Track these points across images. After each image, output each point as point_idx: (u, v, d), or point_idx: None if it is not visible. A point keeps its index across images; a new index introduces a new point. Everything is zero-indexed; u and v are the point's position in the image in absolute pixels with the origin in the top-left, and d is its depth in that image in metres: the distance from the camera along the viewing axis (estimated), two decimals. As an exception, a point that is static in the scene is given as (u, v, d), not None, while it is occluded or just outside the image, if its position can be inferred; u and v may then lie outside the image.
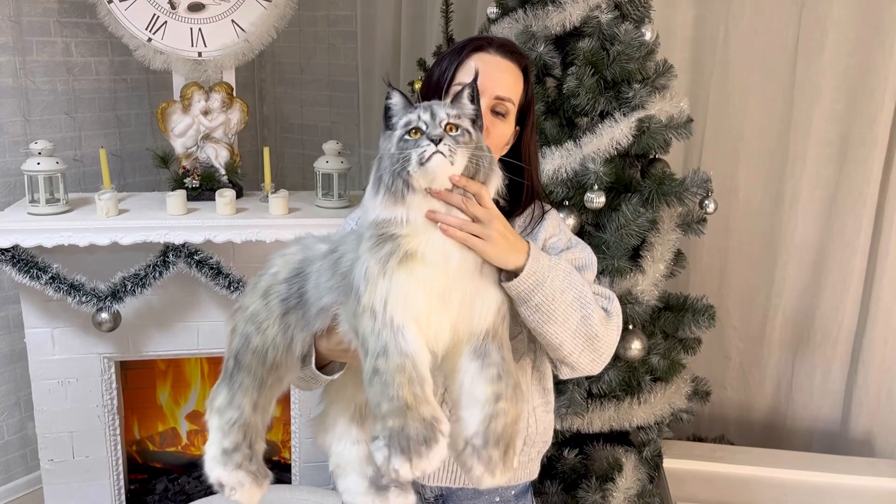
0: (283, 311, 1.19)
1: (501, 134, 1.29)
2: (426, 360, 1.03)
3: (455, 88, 1.15)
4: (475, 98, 1.11)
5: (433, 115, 1.04)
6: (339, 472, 1.26)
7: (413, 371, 1.01)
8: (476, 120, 1.11)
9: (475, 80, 1.13)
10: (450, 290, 1.06)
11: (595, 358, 1.23)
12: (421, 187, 1.05)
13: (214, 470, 1.23)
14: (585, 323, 1.18)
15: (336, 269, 1.12)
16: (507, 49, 1.31)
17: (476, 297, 1.08)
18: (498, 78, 1.28)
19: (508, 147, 1.34)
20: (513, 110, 1.30)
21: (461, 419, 1.08)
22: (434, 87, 1.30)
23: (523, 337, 1.31)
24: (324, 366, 1.24)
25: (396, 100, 1.09)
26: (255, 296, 1.23)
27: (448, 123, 1.04)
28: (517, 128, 1.34)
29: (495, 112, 1.28)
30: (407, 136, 1.04)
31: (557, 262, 1.18)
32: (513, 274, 1.13)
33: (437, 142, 1.02)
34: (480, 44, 1.30)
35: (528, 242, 1.15)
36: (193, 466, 3.02)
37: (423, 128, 1.03)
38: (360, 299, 1.03)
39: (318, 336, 1.19)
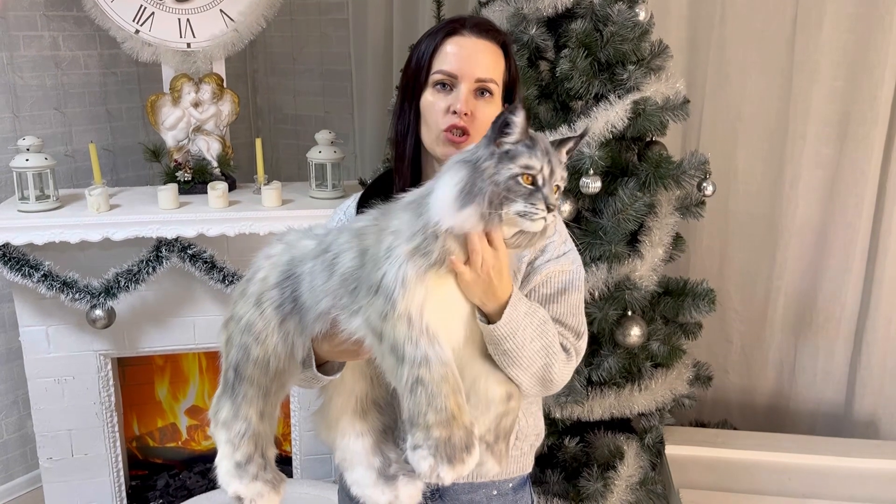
0: (280, 318, 1.17)
1: (489, 116, 1.25)
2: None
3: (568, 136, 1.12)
4: (572, 150, 1.10)
5: (552, 173, 1.04)
6: (346, 465, 1.25)
7: (454, 380, 1.03)
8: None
9: (584, 135, 1.13)
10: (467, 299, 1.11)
11: (543, 391, 1.25)
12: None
13: (231, 484, 1.22)
14: (546, 370, 1.20)
15: (332, 271, 1.10)
16: (482, 28, 1.28)
17: None
18: (476, 60, 1.25)
19: None
20: (497, 90, 1.27)
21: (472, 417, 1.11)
22: (413, 73, 1.28)
23: None
24: (321, 364, 1.23)
25: (520, 119, 1.04)
26: (247, 304, 1.19)
27: (556, 185, 1.05)
28: (505, 105, 1.31)
29: (479, 95, 1.25)
30: (520, 179, 1.02)
31: (535, 311, 1.18)
32: (489, 315, 1.13)
33: (550, 210, 1.02)
34: (454, 27, 1.27)
35: (512, 288, 1.13)
36: (194, 461, 3.02)
37: (540, 183, 1.02)
38: (394, 304, 1.01)
39: (317, 339, 1.16)
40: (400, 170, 1.33)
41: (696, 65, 2.81)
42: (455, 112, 1.23)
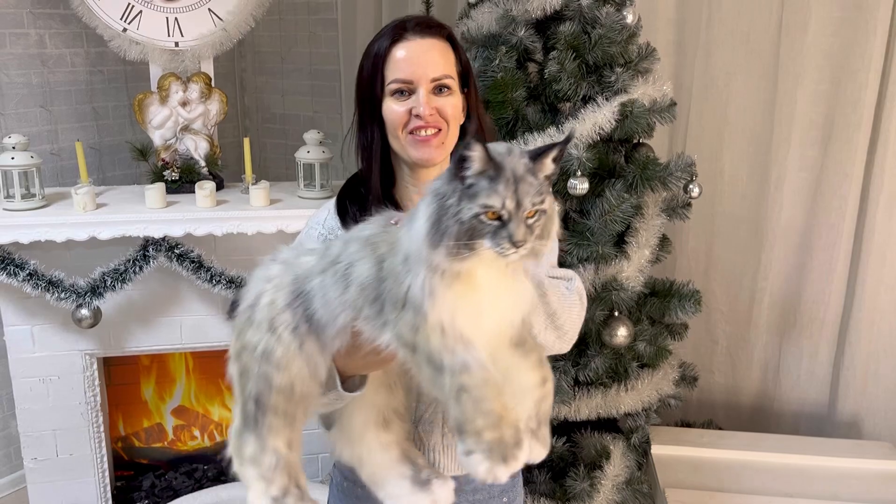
0: (300, 341, 1.12)
1: (454, 105, 1.30)
2: None
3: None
4: (559, 157, 1.02)
5: (519, 205, 0.96)
6: (377, 479, 1.22)
7: (495, 381, 1.02)
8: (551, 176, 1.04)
9: (567, 140, 1.05)
10: (500, 293, 1.06)
11: (560, 335, 1.26)
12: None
13: None
14: (542, 301, 1.22)
15: (347, 282, 1.06)
16: (425, 26, 1.30)
17: (518, 293, 1.09)
18: (426, 61, 1.27)
19: (465, 114, 1.35)
20: (454, 83, 1.30)
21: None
22: (367, 85, 1.31)
23: None
24: (344, 381, 1.19)
25: (477, 153, 0.98)
26: (259, 331, 1.13)
27: (532, 210, 0.98)
28: (465, 90, 1.34)
29: (438, 92, 1.28)
30: (483, 217, 0.96)
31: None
32: None
33: (517, 246, 0.96)
34: (398, 32, 1.29)
35: None
36: (180, 462, 3.00)
37: (505, 217, 0.96)
38: (426, 315, 0.99)
39: (338, 355, 1.13)
40: (369, 181, 1.35)
41: (683, 68, 2.83)
42: (419, 115, 1.25)
